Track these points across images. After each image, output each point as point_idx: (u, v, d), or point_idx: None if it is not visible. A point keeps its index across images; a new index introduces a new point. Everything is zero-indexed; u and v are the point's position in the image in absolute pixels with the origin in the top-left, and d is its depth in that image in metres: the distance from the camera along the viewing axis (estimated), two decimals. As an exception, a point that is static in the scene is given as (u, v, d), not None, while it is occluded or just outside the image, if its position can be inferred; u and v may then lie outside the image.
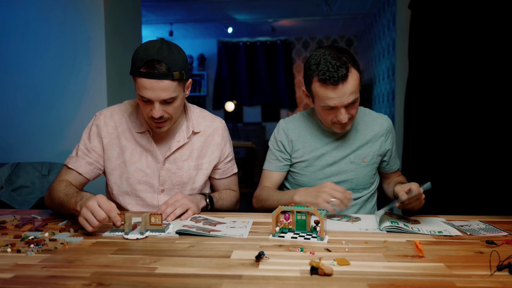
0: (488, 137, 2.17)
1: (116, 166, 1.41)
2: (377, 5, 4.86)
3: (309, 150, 1.50)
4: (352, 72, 1.29)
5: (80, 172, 1.37)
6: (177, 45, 1.30)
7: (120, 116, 1.43)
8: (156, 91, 1.22)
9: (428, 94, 2.56)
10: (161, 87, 1.22)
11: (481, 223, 1.21)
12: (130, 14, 3.08)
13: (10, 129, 2.69)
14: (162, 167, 1.41)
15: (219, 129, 1.51)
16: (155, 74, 1.20)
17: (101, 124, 1.41)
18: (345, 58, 1.29)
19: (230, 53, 6.95)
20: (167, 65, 1.21)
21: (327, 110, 1.35)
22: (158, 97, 1.23)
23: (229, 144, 1.55)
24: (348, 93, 1.29)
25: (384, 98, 4.55)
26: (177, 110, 1.32)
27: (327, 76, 1.27)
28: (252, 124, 6.95)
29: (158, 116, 1.26)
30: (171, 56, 1.22)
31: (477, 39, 2.22)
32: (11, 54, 2.66)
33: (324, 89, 1.30)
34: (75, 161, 1.38)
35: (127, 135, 1.41)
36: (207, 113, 1.54)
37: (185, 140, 1.42)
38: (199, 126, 1.47)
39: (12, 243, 0.98)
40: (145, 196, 1.42)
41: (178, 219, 1.25)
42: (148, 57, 1.20)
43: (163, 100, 1.24)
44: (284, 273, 0.82)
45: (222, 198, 1.46)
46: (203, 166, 1.47)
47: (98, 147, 1.41)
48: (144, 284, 0.77)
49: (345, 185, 1.49)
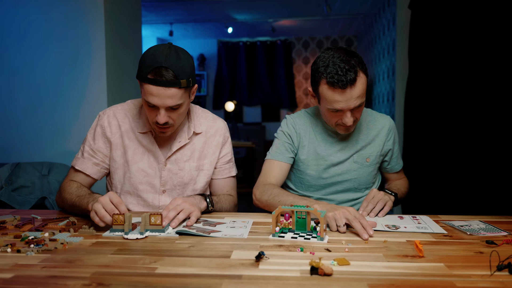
0: (488, 137, 2.16)
1: (120, 166, 1.42)
2: (377, 5, 4.86)
3: (313, 148, 1.50)
4: (360, 76, 1.29)
5: (87, 173, 1.40)
6: (185, 50, 1.29)
7: (123, 115, 1.43)
8: (163, 98, 1.22)
9: (428, 94, 2.56)
10: (167, 95, 1.21)
11: (481, 223, 1.21)
12: (130, 14, 3.08)
13: (12, 129, 2.69)
14: (164, 167, 1.41)
15: (221, 129, 1.50)
16: (162, 82, 1.19)
17: (105, 124, 1.42)
18: (354, 62, 1.28)
19: (230, 53, 6.95)
20: (175, 73, 1.20)
21: (332, 112, 1.35)
22: (164, 104, 1.23)
23: (229, 145, 1.54)
24: (355, 97, 1.29)
25: (384, 98, 4.55)
26: (182, 116, 1.32)
27: (335, 79, 1.26)
28: (252, 124, 6.95)
29: (163, 122, 1.26)
30: (179, 63, 1.21)
31: (477, 39, 2.22)
32: (12, 55, 2.66)
33: (332, 92, 1.29)
34: (82, 163, 1.40)
35: (130, 134, 1.42)
36: (209, 114, 1.54)
37: (186, 140, 1.42)
38: (200, 126, 1.47)
39: (12, 243, 0.98)
40: (146, 196, 1.42)
41: (181, 225, 1.19)
42: (156, 64, 1.19)
43: (169, 107, 1.24)
44: (284, 273, 0.82)
45: (221, 201, 1.43)
46: (204, 167, 1.46)
47: (103, 148, 1.42)
48: (144, 284, 0.77)
49: (348, 185, 1.50)
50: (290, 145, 1.51)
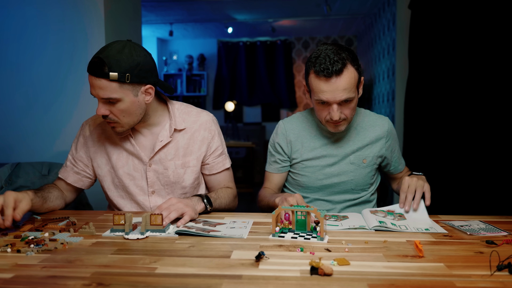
0: (488, 137, 2.16)
1: (106, 173, 1.43)
2: (377, 5, 4.86)
3: (309, 150, 1.50)
4: (349, 68, 1.30)
5: (68, 182, 1.45)
6: (144, 49, 1.28)
7: (104, 123, 1.43)
8: (96, 88, 1.22)
9: (428, 94, 2.56)
10: (98, 85, 1.21)
11: (481, 223, 1.21)
12: (130, 14, 3.07)
13: (10, 128, 2.68)
14: (149, 168, 1.40)
15: (205, 123, 1.46)
16: (92, 71, 1.20)
17: (86, 134, 1.45)
18: (344, 55, 1.30)
19: (230, 53, 6.95)
20: (107, 65, 1.18)
21: (320, 104, 1.35)
22: (98, 95, 1.23)
23: (218, 138, 1.49)
24: (341, 89, 1.29)
25: (384, 98, 4.55)
26: (127, 114, 1.28)
27: (321, 68, 1.28)
28: (252, 124, 6.95)
29: (100, 113, 1.26)
30: (118, 56, 1.20)
31: (477, 39, 2.22)
32: (9, 53, 2.65)
33: (318, 81, 1.31)
34: (64, 171, 1.46)
35: (112, 140, 1.42)
36: (192, 108, 1.49)
37: (168, 139, 1.39)
38: (183, 123, 1.43)
39: (12, 243, 0.98)
40: (137, 199, 1.42)
41: (174, 224, 1.18)
42: (95, 54, 1.21)
43: (104, 99, 1.23)
44: (284, 273, 0.82)
45: (220, 197, 1.41)
46: (190, 164, 1.43)
47: (83, 157, 1.45)
48: (144, 284, 0.77)
49: (345, 186, 1.49)
50: (280, 155, 1.55)
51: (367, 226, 1.17)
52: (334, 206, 1.51)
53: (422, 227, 1.16)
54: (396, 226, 1.16)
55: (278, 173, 1.57)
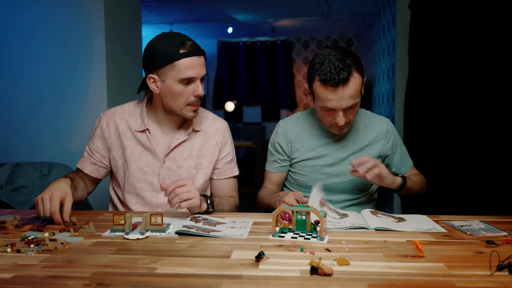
0: (488, 137, 2.16)
1: (120, 165, 1.45)
2: (377, 5, 4.86)
3: (309, 149, 1.50)
4: (354, 76, 1.29)
5: (85, 172, 1.48)
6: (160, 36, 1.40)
7: (122, 116, 1.46)
8: (201, 67, 1.34)
9: (428, 94, 2.56)
10: (202, 63, 1.35)
11: (481, 223, 1.21)
12: (130, 14, 3.08)
13: (13, 130, 2.69)
14: (162, 165, 1.42)
15: (221, 129, 1.51)
16: (199, 51, 1.33)
17: (103, 126, 1.46)
18: (349, 61, 1.28)
19: (230, 53, 6.95)
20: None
21: (325, 111, 1.35)
22: (199, 74, 1.33)
23: (230, 145, 1.54)
24: (347, 97, 1.29)
25: (384, 98, 4.55)
26: None
27: (328, 77, 1.27)
28: (252, 124, 6.95)
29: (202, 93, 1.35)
30: None
31: (477, 39, 2.22)
32: (14, 57, 2.67)
33: (324, 90, 1.30)
34: (81, 162, 1.49)
35: (127, 134, 1.44)
36: (209, 114, 1.55)
37: (185, 137, 1.43)
38: (200, 125, 1.48)
39: (12, 243, 0.98)
40: (144, 194, 1.43)
41: (174, 224, 1.18)
42: (183, 39, 1.34)
43: (202, 76, 1.36)
44: (284, 273, 0.82)
45: (222, 203, 1.43)
46: (203, 166, 1.47)
47: (100, 148, 1.47)
48: (144, 284, 0.77)
49: (345, 186, 1.49)
50: (280, 155, 1.55)
51: (367, 226, 1.17)
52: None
53: (423, 228, 1.15)
54: (397, 225, 1.16)
55: (278, 172, 1.57)
